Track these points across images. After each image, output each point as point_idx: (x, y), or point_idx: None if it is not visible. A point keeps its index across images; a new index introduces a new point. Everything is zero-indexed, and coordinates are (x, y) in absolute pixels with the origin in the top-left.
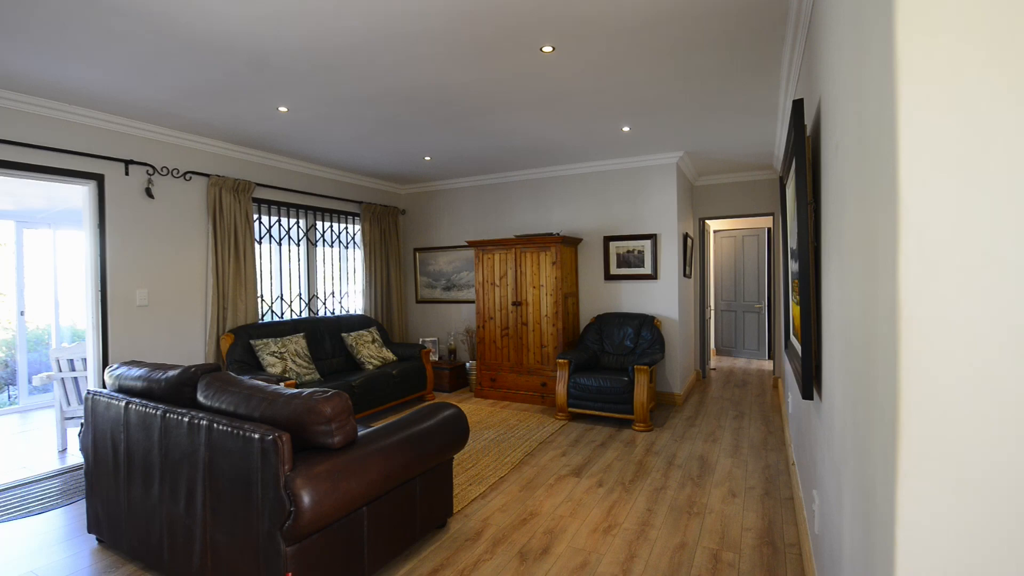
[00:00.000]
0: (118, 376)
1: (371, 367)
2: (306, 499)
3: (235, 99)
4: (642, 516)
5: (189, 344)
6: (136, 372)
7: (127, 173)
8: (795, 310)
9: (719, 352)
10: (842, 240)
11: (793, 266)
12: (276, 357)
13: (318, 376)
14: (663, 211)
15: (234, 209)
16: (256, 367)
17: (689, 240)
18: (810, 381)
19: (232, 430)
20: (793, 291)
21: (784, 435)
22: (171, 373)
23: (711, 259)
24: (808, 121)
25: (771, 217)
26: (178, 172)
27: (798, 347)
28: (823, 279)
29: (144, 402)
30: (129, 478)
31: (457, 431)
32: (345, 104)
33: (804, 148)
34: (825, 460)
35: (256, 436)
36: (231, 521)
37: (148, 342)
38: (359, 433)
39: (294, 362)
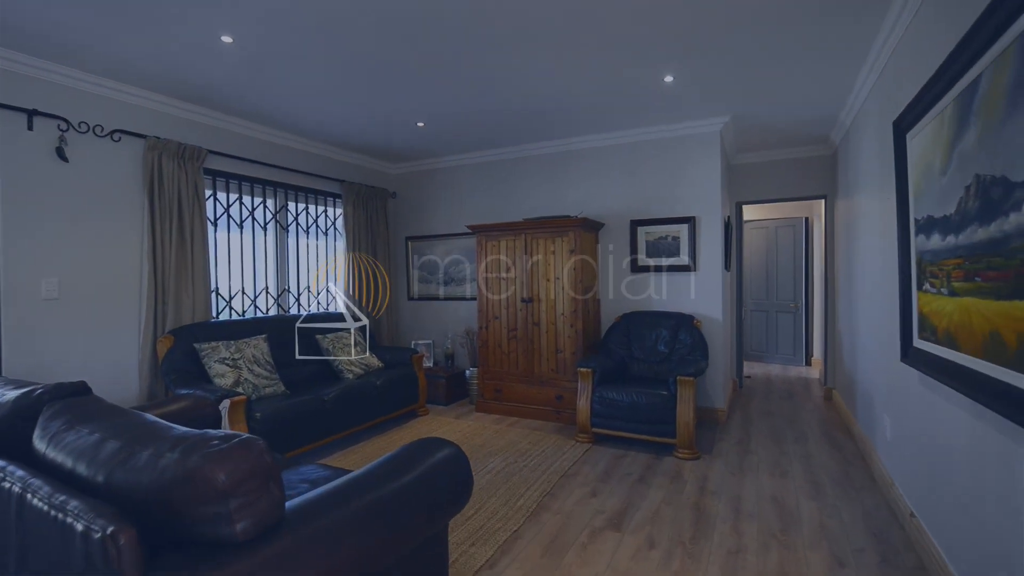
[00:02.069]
0: None
1: (351, 376)
2: None
3: (157, 14)
4: None
5: (117, 348)
6: None
7: (30, 127)
8: (933, 304)
9: (748, 357)
10: None
11: (928, 242)
12: (227, 365)
13: (282, 388)
14: (703, 189)
15: (179, 180)
16: (200, 377)
17: (730, 227)
18: None
19: (48, 510)
20: (931, 276)
21: (871, 468)
22: (6, 397)
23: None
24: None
25: (811, 204)
26: (103, 130)
27: (964, 362)
28: None
29: None
30: None
31: (455, 484)
32: (305, 31)
33: None
34: None
35: (79, 528)
36: None
37: (58, 346)
38: (288, 506)
39: (251, 371)
